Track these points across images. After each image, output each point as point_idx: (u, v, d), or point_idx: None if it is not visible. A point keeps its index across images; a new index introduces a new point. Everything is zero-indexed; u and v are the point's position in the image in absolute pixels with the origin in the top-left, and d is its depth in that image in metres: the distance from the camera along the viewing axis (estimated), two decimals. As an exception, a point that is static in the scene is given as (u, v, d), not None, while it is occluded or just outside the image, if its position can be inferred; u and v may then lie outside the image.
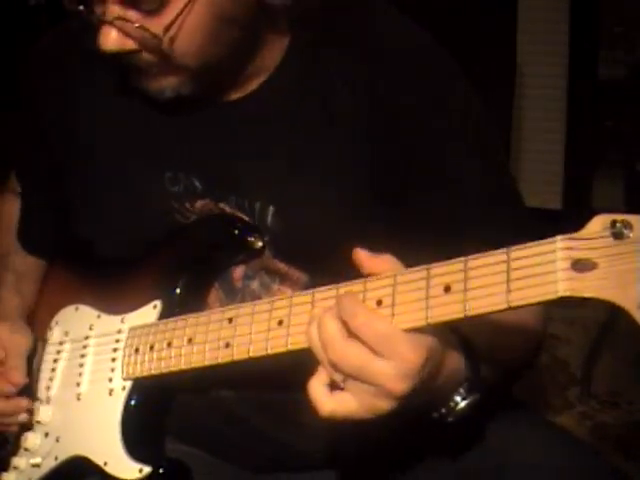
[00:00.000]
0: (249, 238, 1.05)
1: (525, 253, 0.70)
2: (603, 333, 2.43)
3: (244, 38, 0.99)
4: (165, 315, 1.05)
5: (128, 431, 1.03)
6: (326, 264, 0.96)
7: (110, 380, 1.06)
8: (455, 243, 0.82)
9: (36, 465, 1.11)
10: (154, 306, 1.06)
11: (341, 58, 1.02)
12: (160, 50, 0.94)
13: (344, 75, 1.01)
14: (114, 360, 1.07)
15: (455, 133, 1.02)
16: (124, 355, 1.06)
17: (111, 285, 1.14)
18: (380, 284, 0.78)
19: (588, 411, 2.39)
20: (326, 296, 0.82)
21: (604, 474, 1.01)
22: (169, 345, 0.99)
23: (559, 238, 0.68)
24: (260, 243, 1.05)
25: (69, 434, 1.10)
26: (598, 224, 0.67)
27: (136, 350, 1.04)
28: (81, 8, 0.94)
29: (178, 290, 1.06)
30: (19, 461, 1.13)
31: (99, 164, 1.13)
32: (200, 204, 1.08)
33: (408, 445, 1.06)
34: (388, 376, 0.74)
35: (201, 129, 1.07)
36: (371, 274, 0.79)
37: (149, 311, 1.06)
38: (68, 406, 1.11)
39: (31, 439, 1.12)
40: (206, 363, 0.95)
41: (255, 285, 1.08)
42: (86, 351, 1.12)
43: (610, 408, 2.39)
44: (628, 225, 0.65)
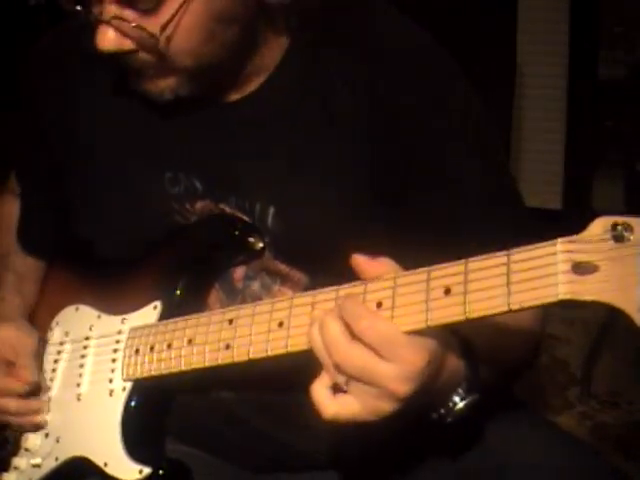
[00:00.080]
0: (249, 239, 1.05)
1: (526, 256, 0.69)
2: (603, 333, 2.43)
3: (243, 38, 0.98)
4: (165, 316, 1.05)
5: (128, 432, 1.03)
6: (327, 265, 0.96)
7: (110, 381, 1.06)
8: (455, 243, 0.82)
9: (36, 465, 1.11)
10: (154, 307, 1.06)
11: (341, 58, 1.01)
12: (157, 50, 0.94)
13: (344, 75, 1.01)
14: (114, 361, 1.07)
15: (455, 133, 1.02)
16: (124, 356, 1.06)
17: (111, 285, 1.14)
18: (380, 286, 0.78)
19: (588, 411, 2.39)
20: (326, 298, 0.82)
21: (604, 474, 1.01)
22: (169, 346, 1.00)
23: (560, 241, 0.68)
24: (260, 244, 1.05)
25: (69, 435, 1.10)
26: (599, 226, 0.67)
27: (136, 351, 1.04)
28: (78, 8, 0.94)
29: (178, 291, 1.06)
30: (20, 461, 1.13)
31: (99, 164, 1.13)
32: (200, 205, 1.08)
33: (409, 445, 1.06)
34: (391, 378, 0.74)
35: (201, 130, 1.07)
36: (370, 278, 0.79)
37: (149, 312, 1.06)
38: (68, 407, 1.11)
39: (31, 439, 1.13)
40: (206, 364, 0.95)
41: (256, 286, 1.08)
42: (86, 352, 1.12)
43: (610, 408, 2.39)
44: (629, 228, 0.65)
